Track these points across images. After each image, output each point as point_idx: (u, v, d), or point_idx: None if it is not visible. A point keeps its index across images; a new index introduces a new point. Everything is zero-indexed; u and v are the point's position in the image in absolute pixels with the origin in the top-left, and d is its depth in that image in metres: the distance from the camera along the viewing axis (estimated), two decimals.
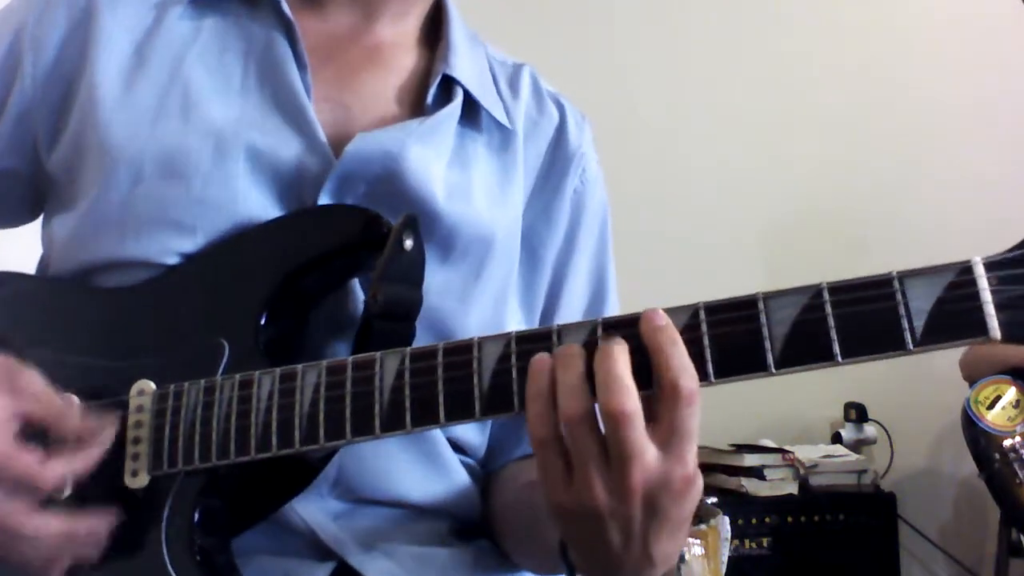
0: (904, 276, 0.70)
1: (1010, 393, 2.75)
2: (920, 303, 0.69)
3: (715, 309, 0.74)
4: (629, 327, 0.75)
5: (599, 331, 0.76)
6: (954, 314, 0.69)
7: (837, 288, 0.72)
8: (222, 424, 0.87)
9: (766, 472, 3.14)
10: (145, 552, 0.88)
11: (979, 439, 2.74)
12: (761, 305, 0.73)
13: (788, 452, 3.20)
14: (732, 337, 0.73)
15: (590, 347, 0.75)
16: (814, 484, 3.18)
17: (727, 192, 3.63)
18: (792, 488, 3.15)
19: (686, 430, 0.72)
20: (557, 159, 1.16)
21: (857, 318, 0.70)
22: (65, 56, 1.05)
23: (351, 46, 1.11)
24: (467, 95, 1.10)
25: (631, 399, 0.71)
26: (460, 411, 0.79)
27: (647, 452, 0.72)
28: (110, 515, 0.87)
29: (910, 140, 3.62)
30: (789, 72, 3.70)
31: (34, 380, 0.88)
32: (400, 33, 1.13)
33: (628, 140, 3.30)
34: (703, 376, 0.73)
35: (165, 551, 0.88)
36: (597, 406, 0.73)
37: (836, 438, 3.42)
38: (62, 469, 0.86)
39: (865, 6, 3.74)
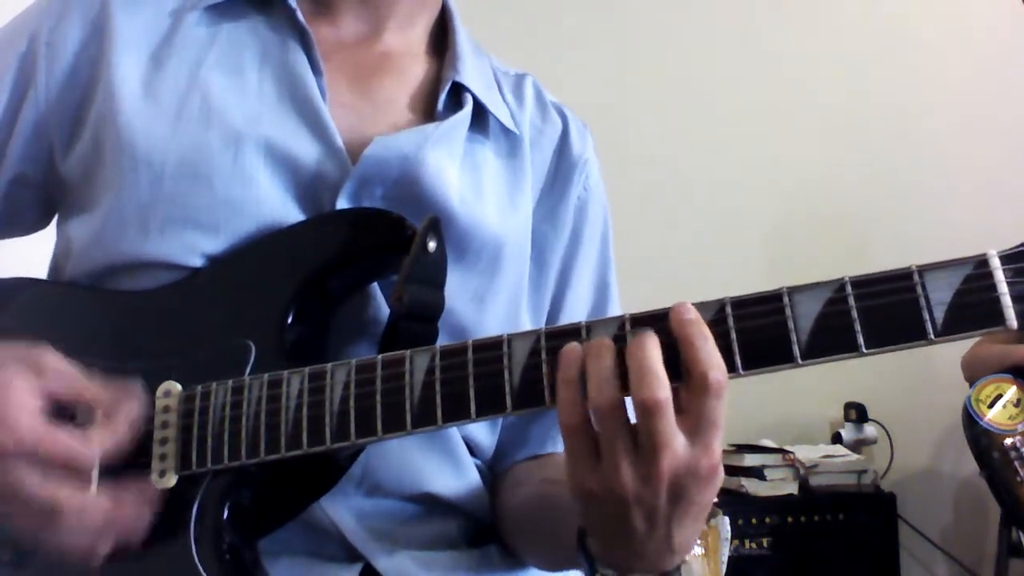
0: (923, 269, 0.73)
1: (1011, 392, 2.77)
2: (940, 295, 0.71)
3: (741, 303, 0.76)
4: (656, 322, 0.76)
5: (627, 326, 0.78)
6: (972, 305, 0.71)
7: (859, 282, 0.74)
8: (251, 423, 0.88)
9: (766, 472, 3.16)
10: (174, 551, 0.89)
11: (980, 438, 2.76)
12: (786, 299, 0.75)
13: (788, 452, 3.22)
14: (759, 330, 0.75)
15: (618, 341, 0.76)
16: (814, 484, 3.20)
17: (729, 195, 3.64)
18: (792, 488, 3.17)
19: (713, 420, 0.74)
20: (562, 167, 1.19)
21: (880, 310, 0.73)
22: (81, 63, 1.06)
23: (362, 53, 1.13)
24: (476, 102, 1.12)
25: (663, 389, 0.73)
26: (491, 406, 0.80)
27: (676, 441, 0.74)
28: (151, 495, 0.87)
29: (911, 141, 3.64)
30: (791, 74, 3.72)
31: (54, 358, 0.88)
32: (408, 41, 1.16)
33: (630, 143, 3.32)
34: (731, 368, 0.75)
35: (194, 550, 0.88)
36: (627, 396, 0.75)
37: (836, 438, 3.44)
38: (99, 443, 0.85)
39: (867, 8, 3.76)
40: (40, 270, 1.12)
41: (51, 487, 0.84)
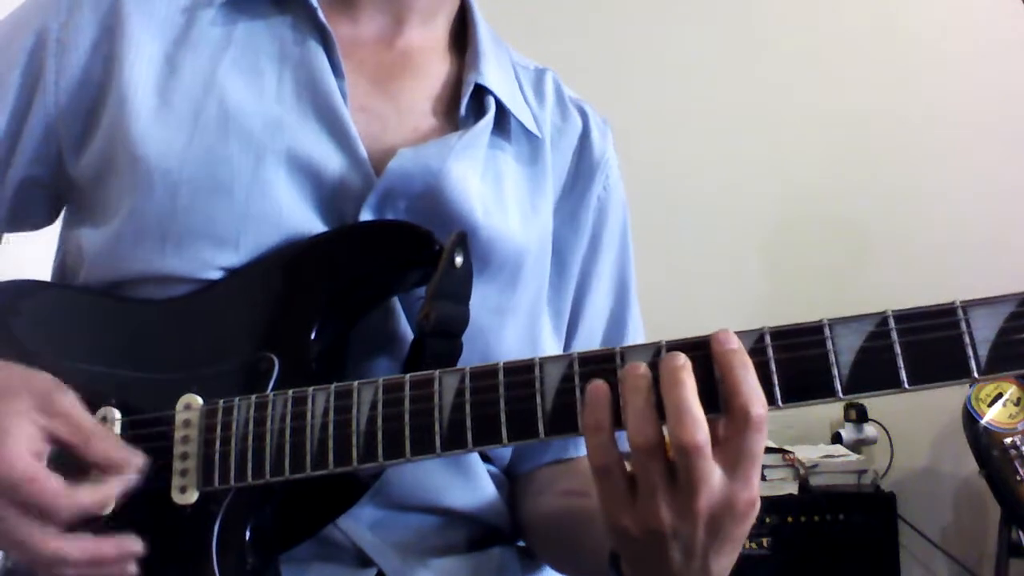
0: (967, 305, 0.72)
1: (1011, 391, 2.77)
2: (984, 332, 0.70)
3: (781, 334, 0.75)
4: (694, 350, 0.75)
5: (663, 353, 0.76)
6: (1016, 343, 0.70)
7: (902, 316, 0.73)
8: (275, 440, 0.87)
9: (766, 472, 3.15)
10: (195, 570, 0.88)
11: (980, 437, 2.77)
12: (827, 331, 0.74)
13: (788, 452, 3.22)
14: (799, 362, 0.74)
15: (653, 368, 0.75)
16: (814, 484, 3.20)
17: (728, 196, 3.63)
18: (792, 488, 3.17)
19: (753, 454, 0.73)
20: (582, 167, 1.17)
21: (923, 346, 0.72)
22: (93, 63, 1.03)
23: (382, 52, 1.10)
24: (498, 104, 1.10)
25: (702, 430, 0.72)
26: (523, 431, 0.79)
27: (714, 478, 0.73)
28: (146, 535, 0.85)
29: (912, 143, 3.63)
30: (792, 75, 3.71)
31: (69, 402, 0.86)
32: (429, 37, 1.13)
33: (629, 143, 3.30)
34: (770, 400, 0.74)
35: (216, 568, 0.88)
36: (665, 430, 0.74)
37: (836, 438, 3.43)
38: (85, 499, 0.83)
39: (868, 9, 3.74)
40: (37, 268, 1.11)
41: (26, 529, 0.82)
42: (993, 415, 2.77)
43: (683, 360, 0.74)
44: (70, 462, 0.86)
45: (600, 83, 3.53)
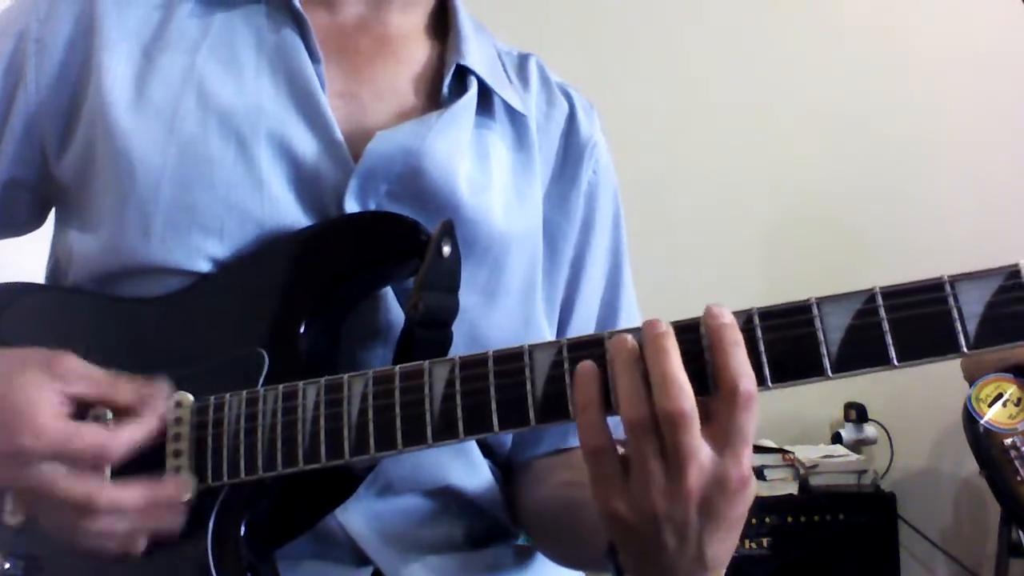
0: (955, 280, 0.71)
1: (1011, 391, 2.77)
2: (972, 307, 0.70)
3: (769, 314, 0.75)
4: (684, 333, 0.75)
5: None
6: (1005, 317, 0.70)
7: (890, 292, 0.72)
8: (267, 435, 0.86)
9: (766, 472, 3.16)
10: (191, 567, 0.88)
11: (980, 437, 2.76)
12: (815, 310, 0.74)
13: (788, 452, 3.22)
14: (788, 341, 0.74)
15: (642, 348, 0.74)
16: (814, 484, 3.20)
17: (727, 194, 3.63)
18: (792, 488, 3.17)
19: (743, 432, 0.73)
20: (570, 150, 1.16)
21: (911, 322, 0.71)
22: (71, 59, 1.03)
23: (361, 38, 1.10)
24: (481, 84, 1.09)
25: (688, 399, 0.72)
26: (514, 419, 0.79)
27: (702, 453, 0.73)
28: (182, 487, 0.87)
29: (911, 142, 3.63)
30: (790, 73, 3.71)
31: (73, 361, 0.88)
32: (409, 23, 1.13)
33: (627, 141, 3.30)
34: (760, 381, 0.74)
35: (212, 565, 0.87)
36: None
37: (836, 438, 3.44)
38: (130, 436, 0.86)
39: (866, 9, 3.75)
40: (31, 271, 1.11)
41: (84, 482, 0.84)
42: (993, 415, 2.77)
43: (664, 327, 0.74)
44: None
45: (599, 79, 3.52)
